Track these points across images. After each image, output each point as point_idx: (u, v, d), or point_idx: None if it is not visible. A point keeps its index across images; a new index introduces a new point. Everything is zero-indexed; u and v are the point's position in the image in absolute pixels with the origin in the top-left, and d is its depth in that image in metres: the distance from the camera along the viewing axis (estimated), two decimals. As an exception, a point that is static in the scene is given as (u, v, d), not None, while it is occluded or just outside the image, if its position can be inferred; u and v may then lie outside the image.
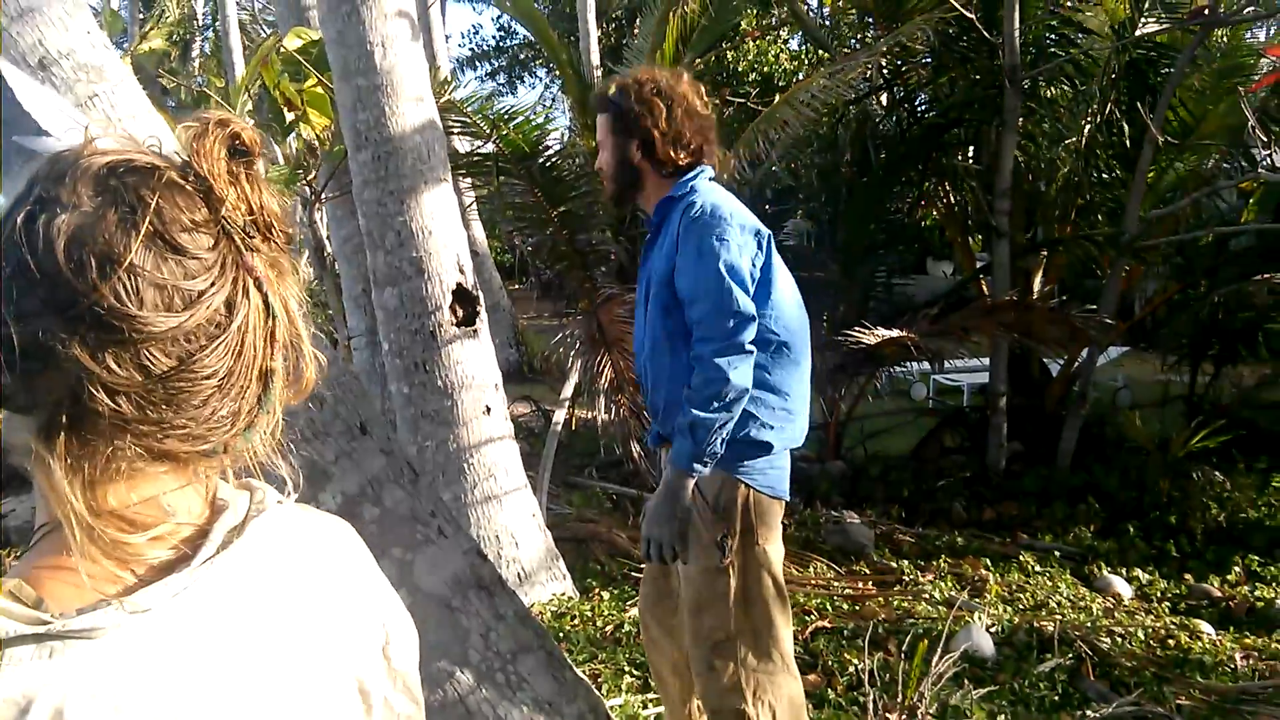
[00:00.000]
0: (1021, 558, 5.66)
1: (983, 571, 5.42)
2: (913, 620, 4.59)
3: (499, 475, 4.71)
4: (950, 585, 5.18)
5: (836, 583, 5.22)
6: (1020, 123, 7.31)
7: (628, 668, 4.08)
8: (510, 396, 5.37)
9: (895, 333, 6.36)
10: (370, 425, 2.58)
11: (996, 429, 7.33)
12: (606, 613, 4.67)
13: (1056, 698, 3.92)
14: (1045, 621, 4.58)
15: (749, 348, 2.53)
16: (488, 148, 7.31)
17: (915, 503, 6.90)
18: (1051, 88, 8.18)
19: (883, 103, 8.98)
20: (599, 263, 7.04)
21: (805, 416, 2.83)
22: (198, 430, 0.77)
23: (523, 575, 4.73)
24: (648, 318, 2.80)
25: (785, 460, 2.80)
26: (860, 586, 5.20)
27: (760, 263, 2.65)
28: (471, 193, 9.08)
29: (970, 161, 8.58)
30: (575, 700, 2.70)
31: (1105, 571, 5.56)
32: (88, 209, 0.73)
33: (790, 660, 2.80)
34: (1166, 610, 5.05)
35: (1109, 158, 7.79)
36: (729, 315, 2.51)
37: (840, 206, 7.87)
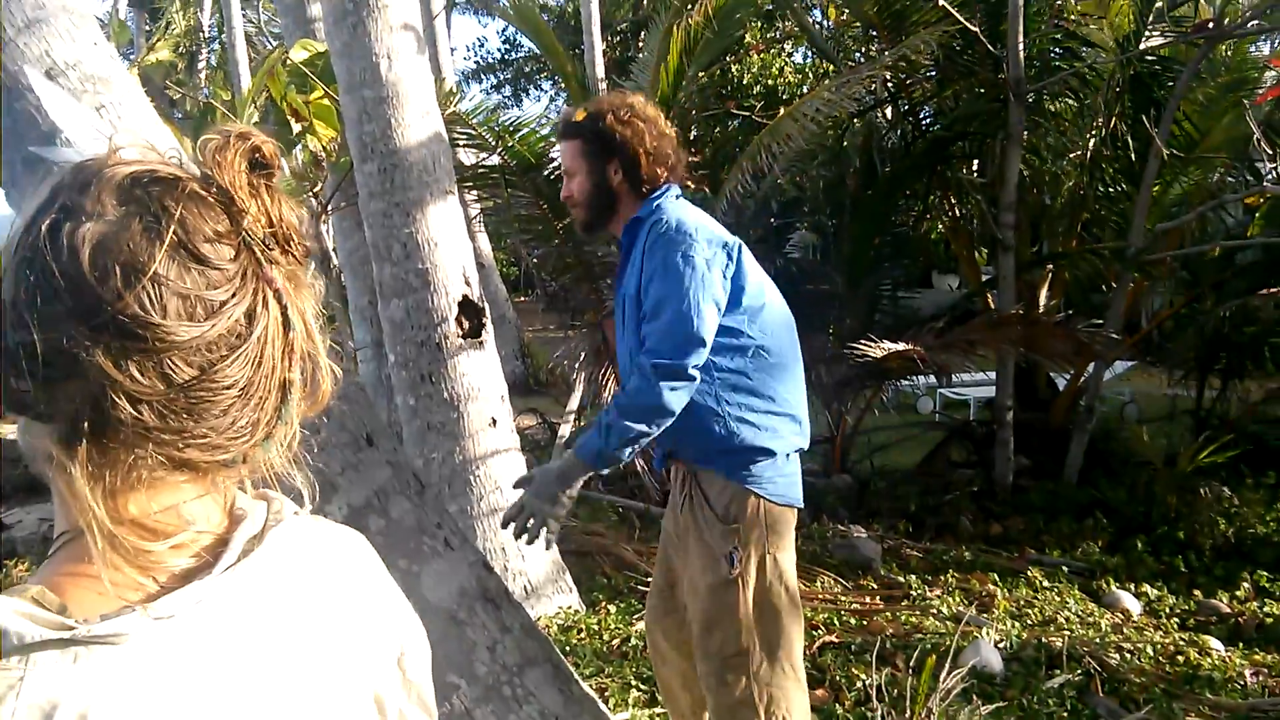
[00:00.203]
0: (1029, 573, 5.63)
1: (990, 587, 5.39)
2: (920, 635, 4.57)
3: (505, 488, 4.70)
4: (958, 600, 5.15)
5: (843, 597, 5.20)
6: (1025, 136, 7.31)
7: (635, 682, 4.06)
8: (516, 409, 5.36)
9: (901, 346, 6.34)
10: (376, 437, 2.57)
11: (1003, 443, 7.31)
12: (613, 626, 4.64)
13: (1065, 714, 3.89)
14: (1054, 637, 4.56)
15: (693, 373, 2.52)
16: (493, 160, 7.31)
17: (922, 517, 6.87)
18: (1056, 101, 8.18)
19: (887, 116, 8.98)
20: (604, 275, 7.02)
21: (803, 418, 2.81)
22: (218, 440, 0.78)
23: (529, 588, 4.72)
24: (626, 340, 2.79)
25: (795, 466, 2.78)
26: (867, 601, 5.17)
27: (731, 273, 2.63)
28: (477, 205, 9.07)
29: (975, 175, 8.58)
30: (582, 714, 2.68)
31: (1113, 587, 5.53)
32: (112, 218, 0.73)
33: (801, 671, 2.78)
34: (1175, 626, 5.02)
35: (1114, 171, 7.79)
36: (681, 336, 2.51)
37: (845, 219, 7.85)
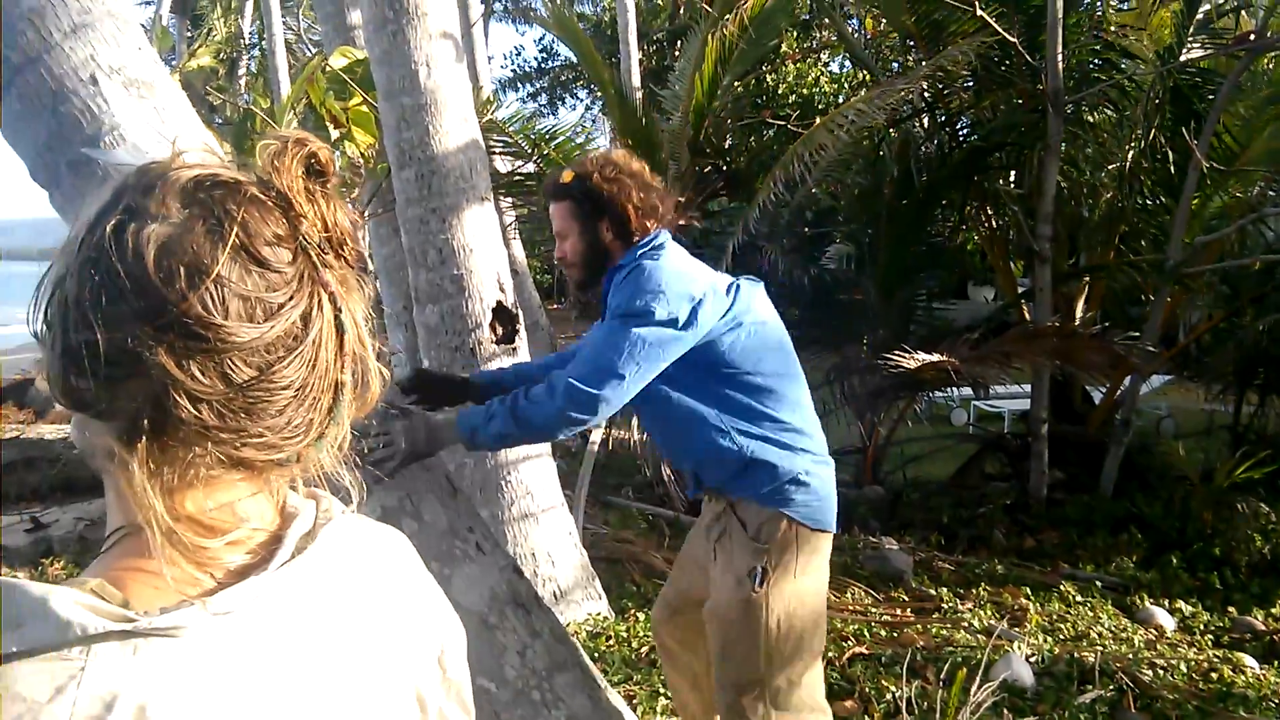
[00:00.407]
0: (1062, 587, 5.58)
1: (1023, 600, 5.35)
2: (951, 648, 4.54)
3: (536, 493, 4.71)
4: (990, 614, 5.12)
5: (874, 609, 5.17)
6: (1063, 147, 7.27)
7: (663, 690, 4.05)
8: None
9: (935, 357, 6.32)
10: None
11: (1038, 456, 7.26)
12: (642, 634, 4.64)
13: (1097, 730, 3.87)
14: (1086, 652, 4.52)
15: (600, 409, 2.49)
16: (529, 167, 7.36)
17: (955, 530, 6.83)
18: (1095, 112, 8.14)
19: (924, 125, 8.95)
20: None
21: (813, 431, 2.78)
22: (273, 439, 0.79)
23: (558, 594, 4.73)
24: None
25: (830, 489, 2.77)
26: (898, 613, 5.14)
27: (707, 316, 2.56)
28: (512, 212, 9.13)
29: (1012, 186, 8.54)
30: (611, 721, 2.68)
31: (1147, 603, 5.47)
32: (176, 220, 0.75)
33: (819, 698, 2.76)
34: (1209, 643, 4.96)
35: (1153, 183, 7.73)
36: (607, 369, 2.47)
37: (880, 229, 7.83)
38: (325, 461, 0.85)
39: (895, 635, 4.77)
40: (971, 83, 8.18)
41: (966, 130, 8.67)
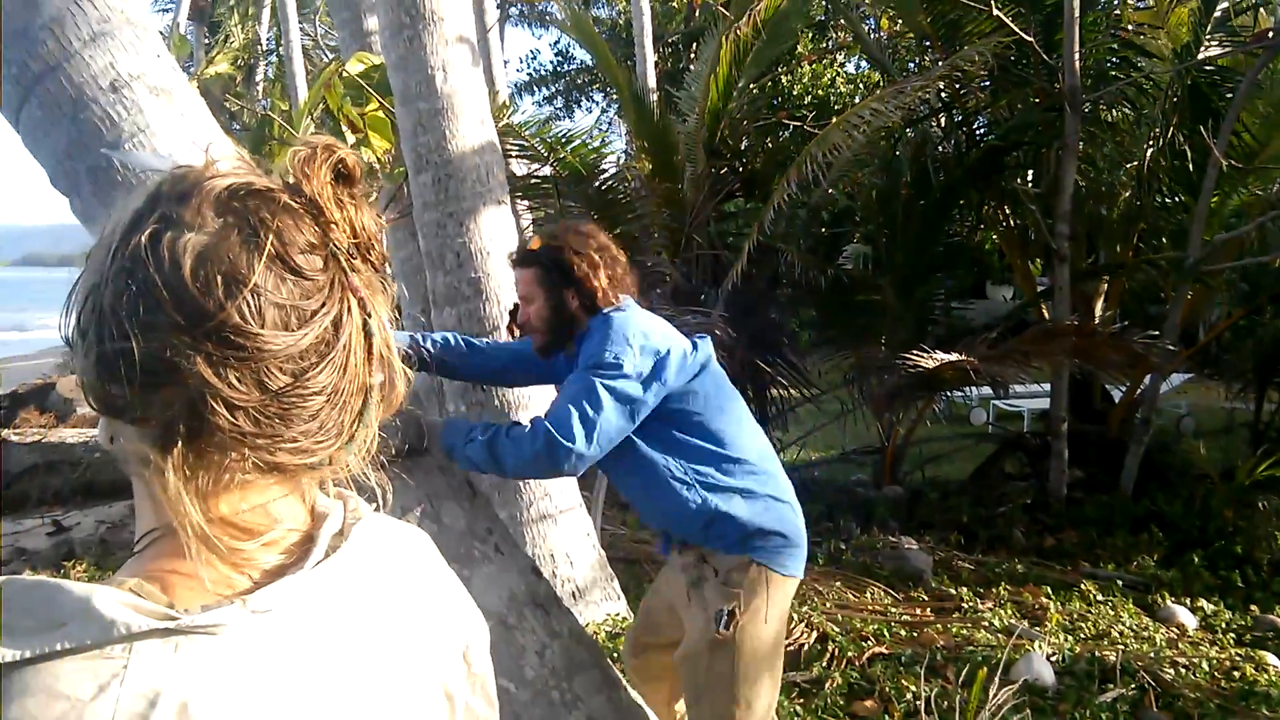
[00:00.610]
0: (1083, 586, 5.57)
1: (1043, 600, 5.34)
2: (971, 648, 4.53)
3: (554, 495, 4.73)
4: (1010, 613, 5.10)
5: (894, 609, 5.17)
6: (1081, 146, 7.24)
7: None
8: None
9: (954, 356, 6.30)
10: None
11: (1058, 455, 7.23)
12: (660, 635, 4.65)
13: (1119, 729, 3.85)
14: (1107, 651, 4.50)
15: (574, 458, 2.49)
16: (545, 170, 7.37)
17: (974, 529, 6.81)
18: (1112, 111, 8.10)
19: (941, 125, 8.93)
20: (654, 285, 7.03)
21: (771, 470, 2.78)
22: (306, 444, 0.80)
23: (577, 594, 4.74)
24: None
25: (797, 532, 2.77)
26: (918, 613, 5.14)
27: (673, 371, 2.60)
28: (529, 215, 9.14)
29: (1030, 185, 8.51)
30: (630, 721, 2.69)
31: (1169, 601, 5.45)
32: (212, 229, 0.75)
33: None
34: (1231, 641, 4.94)
35: (1171, 182, 7.70)
36: (588, 425, 2.49)
37: (898, 229, 7.82)
38: (353, 463, 0.86)
39: (915, 635, 4.76)
40: (988, 82, 8.16)
41: (983, 130, 8.65)
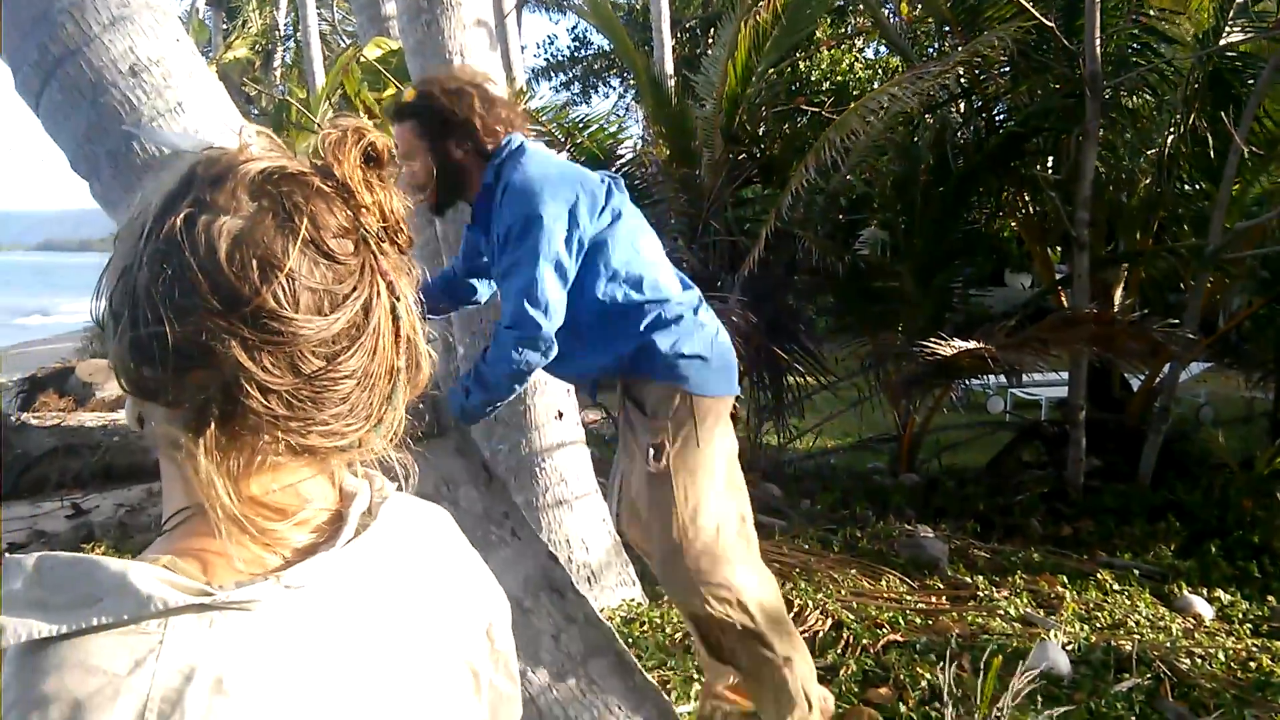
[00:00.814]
0: (1099, 576, 5.54)
1: (1059, 589, 5.32)
2: (987, 636, 4.52)
3: (570, 480, 4.74)
4: (1026, 602, 5.09)
5: (909, 597, 5.16)
6: (1101, 133, 7.19)
7: (697, 675, 4.06)
8: (582, 403, 5.40)
9: (972, 344, 6.27)
10: (446, 427, 2.62)
11: (1075, 444, 7.19)
12: (676, 619, 4.65)
13: (1134, 718, 3.84)
14: (1123, 641, 4.49)
15: (547, 337, 2.57)
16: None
17: (991, 518, 6.79)
18: (1133, 97, 8.04)
19: (960, 111, 8.88)
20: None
21: (697, 296, 2.86)
22: (337, 426, 0.81)
23: (592, 579, 4.75)
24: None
25: (725, 353, 2.82)
26: (933, 601, 5.13)
27: (593, 215, 2.66)
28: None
29: (1050, 171, 8.46)
30: (645, 704, 2.69)
31: (1185, 591, 5.42)
32: (246, 213, 0.76)
33: (752, 547, 2.90)
34: (1248, 632, 4.91)
35: (1192, 169, 7.65)
36: (532, 307, 2.55)
37: (916, 216, 7.78)
38: (379, 446, 0.87)
39: (930, 623, 4.76)
40: (1008, 68, 8.11)
41: (1003, 116, 8.59)
